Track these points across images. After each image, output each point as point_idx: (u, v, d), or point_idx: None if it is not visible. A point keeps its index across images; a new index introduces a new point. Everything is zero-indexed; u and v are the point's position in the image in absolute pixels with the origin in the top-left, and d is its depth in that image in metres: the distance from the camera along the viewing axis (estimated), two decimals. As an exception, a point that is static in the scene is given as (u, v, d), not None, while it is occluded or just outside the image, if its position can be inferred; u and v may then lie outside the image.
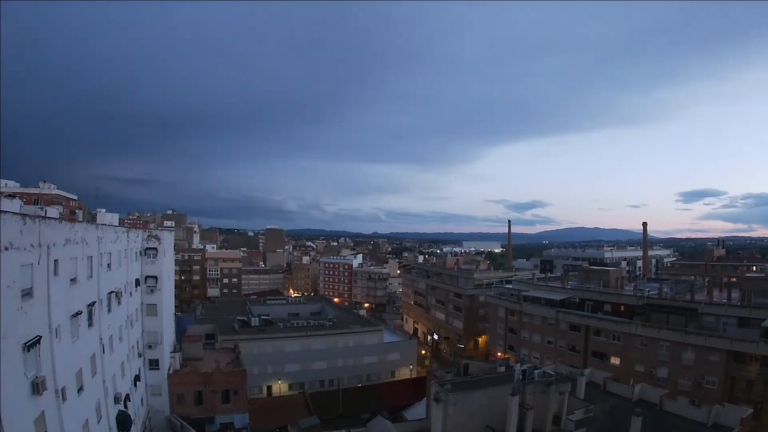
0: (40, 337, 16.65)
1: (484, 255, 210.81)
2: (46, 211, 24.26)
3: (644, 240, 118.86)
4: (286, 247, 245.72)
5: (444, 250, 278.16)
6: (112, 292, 28.08)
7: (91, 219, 44.04)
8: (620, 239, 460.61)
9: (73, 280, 21.24)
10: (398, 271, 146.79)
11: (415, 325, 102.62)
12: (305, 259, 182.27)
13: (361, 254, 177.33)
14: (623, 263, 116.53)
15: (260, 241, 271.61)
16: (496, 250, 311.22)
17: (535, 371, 30.59)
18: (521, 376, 28.77)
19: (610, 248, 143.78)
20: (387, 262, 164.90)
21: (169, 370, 40.26)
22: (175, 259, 78.22)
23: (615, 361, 49.56)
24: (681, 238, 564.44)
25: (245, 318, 64.18)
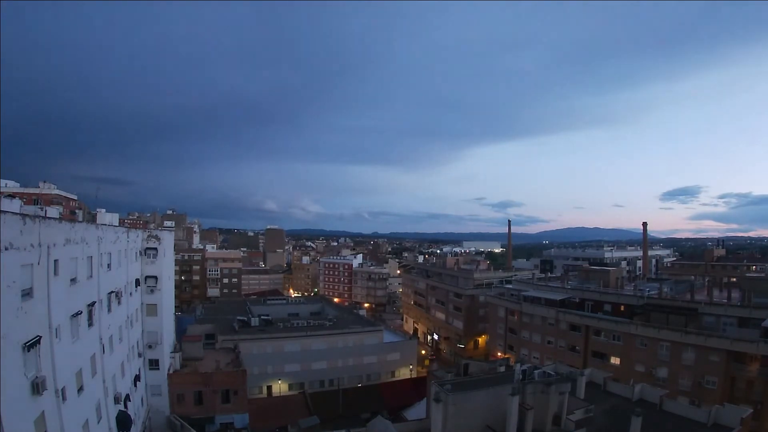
0: (40, 337, 16.65)
1: (484, 255, 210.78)
2: (46, 211, 24.29)
3: (644, 240, 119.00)
4: (286, 247, 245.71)
5: (444, 250, 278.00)
6: (112, 292, 28.07)
7: (91, 219, 44.03)
8: (620, 239, 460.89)
9: (73, 280, 21.24)
10: (398, 271, 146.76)
11: (415, 325, 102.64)
12: (305, 259, 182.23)
13: (361, 254, 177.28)
14: (623, 263, 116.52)
15: (260, 241, 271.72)
16: (496, 250, 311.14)
17: (535, 371, 30.61)
18: (521, 376, 28.79)
19: (610, 248, 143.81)
20: (387, 262, 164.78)
21: (169, 370, 40.26)
22: (175, 259, 78.19)
23: (615, 361, 49.55)
24: (681, 238, 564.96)
25: (245, 318, 64.17)
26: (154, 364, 38.96)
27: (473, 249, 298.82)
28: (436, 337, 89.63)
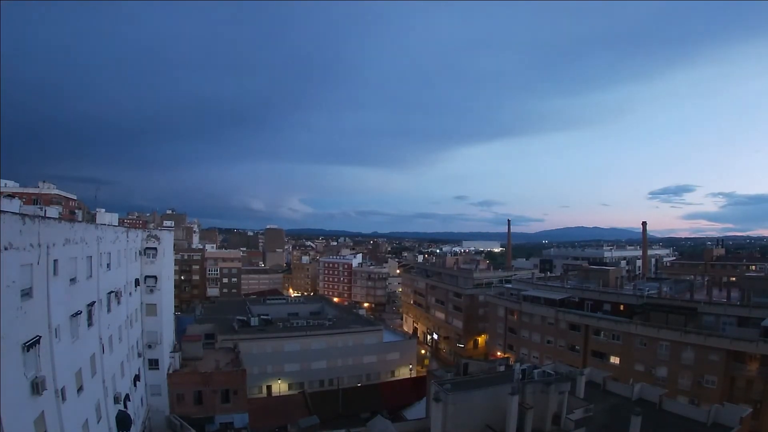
0: (40, 337, 16.62)
1: (483, 254, 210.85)
2: (45, 211, 24.27)
3: (644, 239, 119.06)
4: (286, 247, 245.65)
5: (443, 249, 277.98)
6: (112, 291, 28.05)
7: (91, 219, 44.03)
8: (619, 238, 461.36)
9: (73, 280, 21.21)
10: (398, 271, 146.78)
11: (415, 325, 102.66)
12: (305, 259, 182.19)
13: (360, 254, 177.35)
14: (622, 263, 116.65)
15: (260, 240, 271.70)
16: (496, 250, 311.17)
17: (535, 371, 30.61)
18: (521, 376, 28.79)
19: (609, 248, 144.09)
20: (387, 262, 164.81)
21: (168, 369, 40.23)
22: (175, 259, 78.19)
23: (614, 360, 49.59)
24: (680, 238, 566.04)
25: (245, 318, 64.18)
26: (153, 363, 38.91)
27: (473, 248, 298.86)
28: (435, 336, 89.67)
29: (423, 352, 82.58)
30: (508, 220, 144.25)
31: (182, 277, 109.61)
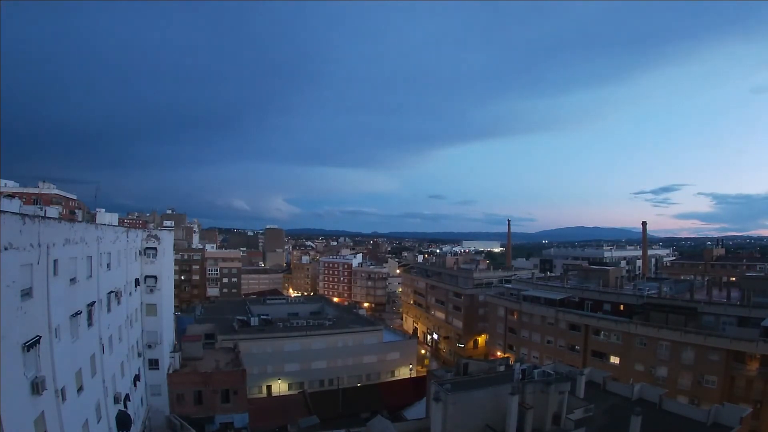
0: (40, 337, 16.61)
1: (483, 254, 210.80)
2: (45, 211, 24.26)
3: (644, 239, 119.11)
4: (286, 247, 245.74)
5: (443, 249, 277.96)
6: (112, 291, 28.03)
7: (91, 219, 44.06)
8: (619, 238, 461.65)
9: (73, 280, 21.19)
10: (398, 271, 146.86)
11: (415, 325, 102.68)
12: (305, 259, 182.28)
13: (360, 254, 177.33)
14: (622, 263, 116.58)
15: (260, 240, 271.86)
16: (496, 250, 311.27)
17: (535, 370, 30.61)
18: (521, 376, 28.78)
19: (609, 248, 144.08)
20: (386, 262, 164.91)
21: (168, 369, 40.22)
22: (175, 259, 78.20)
23: (614, 360, 49.61)
24: (680, 238, 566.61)
25: (245, 318, 64.18)
26: (153, 363, 38.88)
27: (473, 248, 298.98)
28: (435, 336, 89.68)
29: (423, 352, 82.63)
30: (508, 220, 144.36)
31: (182, 277, 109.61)
